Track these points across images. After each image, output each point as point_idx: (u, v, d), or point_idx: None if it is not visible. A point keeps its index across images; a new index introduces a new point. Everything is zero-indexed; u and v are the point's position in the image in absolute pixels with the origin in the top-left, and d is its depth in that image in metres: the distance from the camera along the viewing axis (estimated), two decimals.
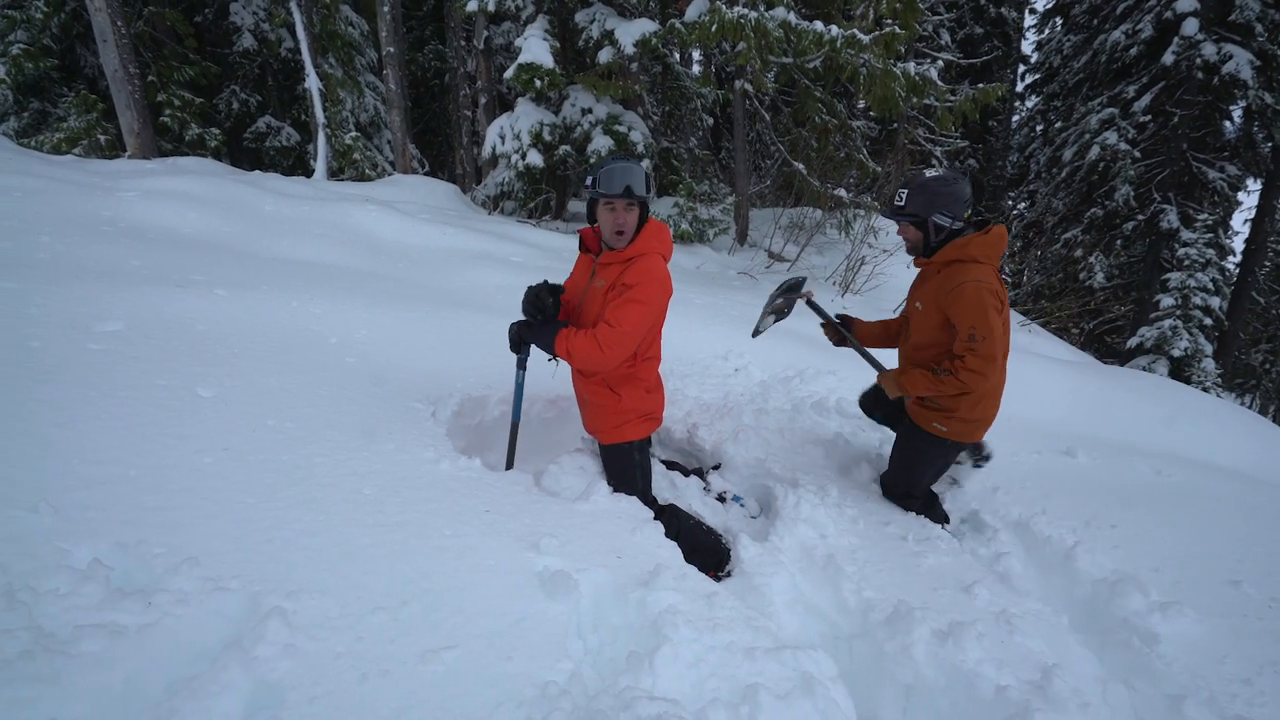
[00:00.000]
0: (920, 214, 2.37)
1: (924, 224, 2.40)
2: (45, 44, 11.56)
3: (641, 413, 2.48)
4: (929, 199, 2.35)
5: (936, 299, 2.41)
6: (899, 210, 2.42)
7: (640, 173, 2.14)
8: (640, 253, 2.22)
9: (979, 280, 2.29)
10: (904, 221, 2.44)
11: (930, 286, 2.47)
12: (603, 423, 2.49)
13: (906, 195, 2.38)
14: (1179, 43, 11.74)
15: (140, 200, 4.62)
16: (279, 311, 3.14)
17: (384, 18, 10.52)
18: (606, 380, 2.42)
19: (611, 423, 2.47)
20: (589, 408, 2.54)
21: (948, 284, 2.36)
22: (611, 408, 2.44)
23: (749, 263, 9.05)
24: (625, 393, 2.42)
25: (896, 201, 2.42)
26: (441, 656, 1.46)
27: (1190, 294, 11.38)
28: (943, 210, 2.35)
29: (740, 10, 6.88)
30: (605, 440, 2.52)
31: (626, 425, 2.46)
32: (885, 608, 2.08)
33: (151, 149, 9.61)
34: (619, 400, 2.42)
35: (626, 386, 2.42)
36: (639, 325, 2.17)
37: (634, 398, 2.44)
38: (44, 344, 2.25)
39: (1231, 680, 1.98)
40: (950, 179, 2.37)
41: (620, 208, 2.16)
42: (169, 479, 1.78)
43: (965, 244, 2.35)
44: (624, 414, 2.44)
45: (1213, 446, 4.49)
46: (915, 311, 2.56)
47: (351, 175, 11.00)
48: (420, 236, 5.89)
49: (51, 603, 1.31)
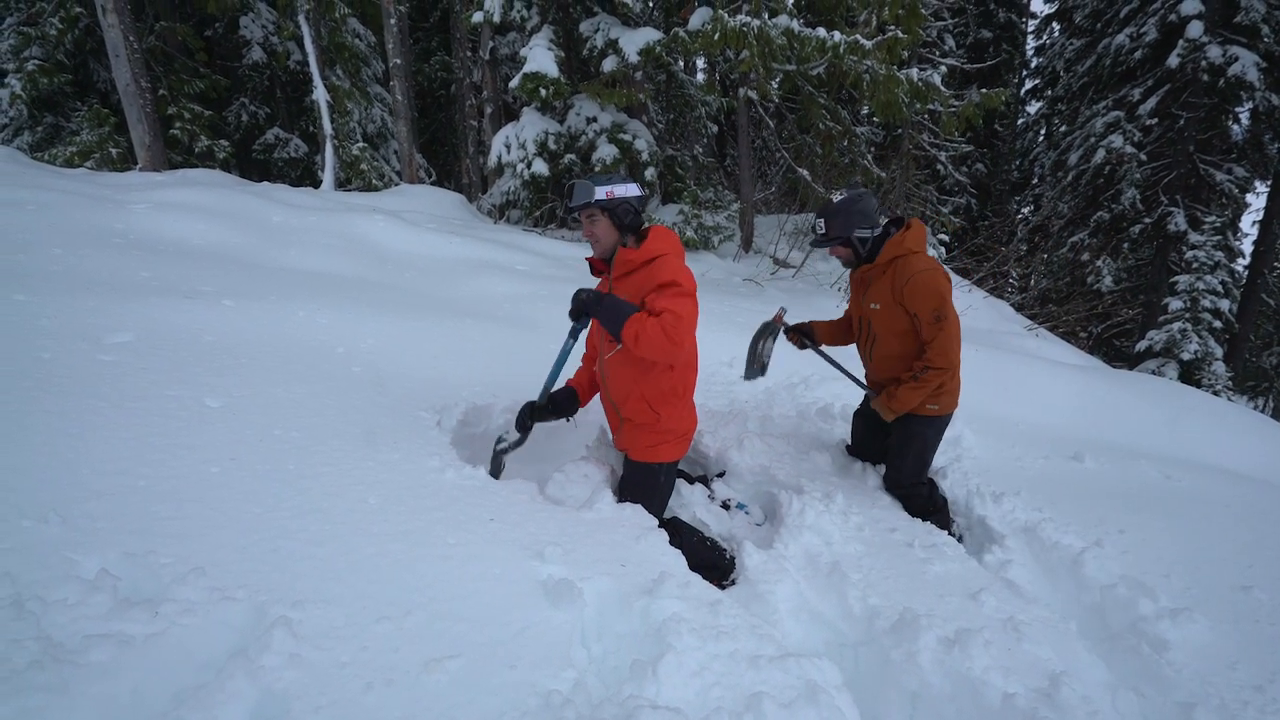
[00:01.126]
0: (844, 234, 2.62)
1: (849, 241, 2.65)
2: (59, 60, 11.76)
3: (679, 433, 2.46)
4: (846, 219, 2.60)
5: (893, 295, 2.59)
6: (824, 239, 2.66)
7: (590, 186, 2.22)
8: (658, 253, 2.24)
9: (928, 268, 2.52)
10: (833, 245, 2.69)
11: (881, 285, 2.64)
12: (637, 441, 2.46)
13: (825, 224, 2.63)
14: (1184, 45, 11.70)
15: (150, 212, 4.68)
16: (286, 322, 3.17)
17: (390, 30, 10.63)
18: (647, 397, 2.36)
19: (646, 442, 2.44)
20: (626, 426, 2.47)
21: (899, 280, 2.55)
22: (650, 426, 2.41)
23: (754, 269, 9.05)
24: (665, 411, 2.39)
25: (818, 231, 2.66)
26: (445, 665, 1.46)
27: (1199, 297, 11.29)
28: (860, 225, 2.61)
29: (743, 18, 6.92)
30: (636, 457, 2.47)
31: (662, 446, 2.44)
32: (891, 615, 2.07)
33: (162, 162, 9.74)
34: (658, 419, 2.39)
35: (667, 405, 2.38)
36: (694, 315, 2.17)
37: (673, 416, 2.41)
38: (55, 355, 2.28)
39: (1243, 687, 1.96)
40: (856, 197, 2.62)
41: (584, 219, 2.29)
42: (177, 489, 1.80)
43: (900, 240, 2.58)
44: (662, 434, 2.42)
45: (1222, 450, 4.45)
46: (873, 313, 2.72)
47: (359, 185, 11.09)
48: (426, 246, 5.93)
49: (60, 612, 1.32)
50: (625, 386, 2.42)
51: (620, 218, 2.27)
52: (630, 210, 2.28)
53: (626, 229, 2.29)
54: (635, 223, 2.30)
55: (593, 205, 2.23)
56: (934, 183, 15.20)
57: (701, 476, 3.10)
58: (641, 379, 2.37)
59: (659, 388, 2.37)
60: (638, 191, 2.28)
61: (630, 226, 2.30)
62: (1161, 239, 12.83)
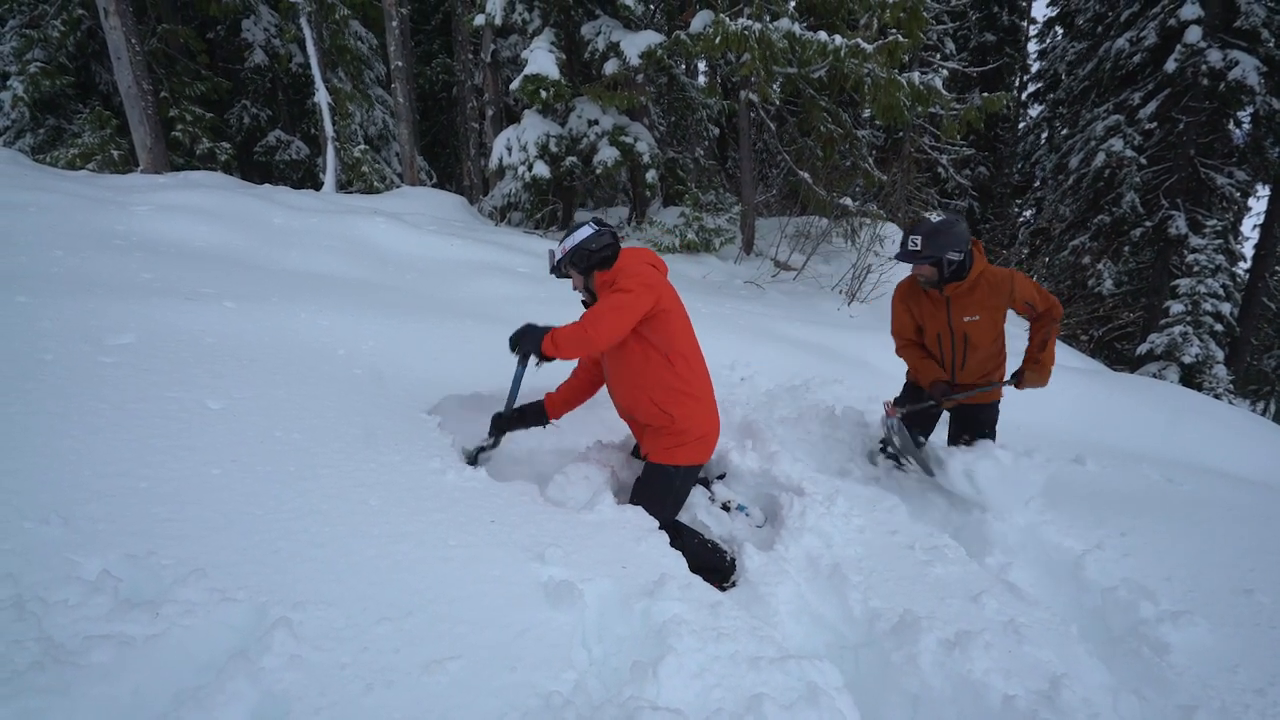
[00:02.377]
0: (937, 255, 2.74)
1: (939, 261, 2.77)
2: (61, 62, 11.81)
3: (698, 435, 2.46)
4: (943, 241, 2.73)
5: (992, 303, 2.86)
6: (915, 254, 2.76)
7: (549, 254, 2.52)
8: (615, 270, 2.40)
9: (1013, 273, 2.85)
10: (922, 263, 2.79)
11: (978, 298, 2.87)
12: (657, 444, 2.48)
13: (921, 241, 2.74)
14: (1181, 51, 11.72)
15: (152, 214, 4.69)
16: (288, 323, 3.18)
17: (392, 32, 10.67)
18: (655, 399, 2.41)
19: (663, 444, 2.46)
20: (647, 433, 2.52)
21: (998, 289, 2.84)
22: (667, 428, 2.44)
23: (755, 271, 9.06)
24: (678, 412, 2.41)
25: (911, 247, 2.76)
26: (446, 667, 1.46)
27: (1200, 300, 11.29)
28: (953, 248, 2.74)
29: (744, 22, 6.94)
30: (654, 459, 2.49)
31: (680, 448, 2.45)
32: (891, 617, 2.06)
33: (164, 164, 9.76)
34: (673, 420, 2.42)
35: (677, 405, 2.41)
36: (619, 307, 2.24)
37: (688, 417, 2.43)
38: (56, 357, 2.29)
39: (1244, 691, 1.95)
40: (954, 221, 2.78)
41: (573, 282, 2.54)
42: (178, 491, 1.80)
43: (980, 259, 2.84)
44: (679, 435, 2.44)
45: (1224, 454, 4.45)
46: (970, 325, 2.93)
47: (360, 188, 11.12)
48: (427, 248, 5.94)
49: (61, 614, 1.32)
50: (630, 394, 2.48)
51: (581, 263, 2.43)
52: (585, 253, 2.40)
53: (592, 268, 2.44)
54: (596, 258, 2.42)
55: (558, 267, 2.47)
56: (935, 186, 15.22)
57: (702, 479, 3.09)
58: (639, 380, 2.43)
59: (661, 385, 2.40)
60: (587, 232, 2.42)
61: (592, 265, 2.43)
62: (1162, 242, 12.84)
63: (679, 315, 2.45)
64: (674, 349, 2.41)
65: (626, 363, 2.43)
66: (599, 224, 2.46)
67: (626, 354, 2.42)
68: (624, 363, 2.44)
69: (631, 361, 2.41)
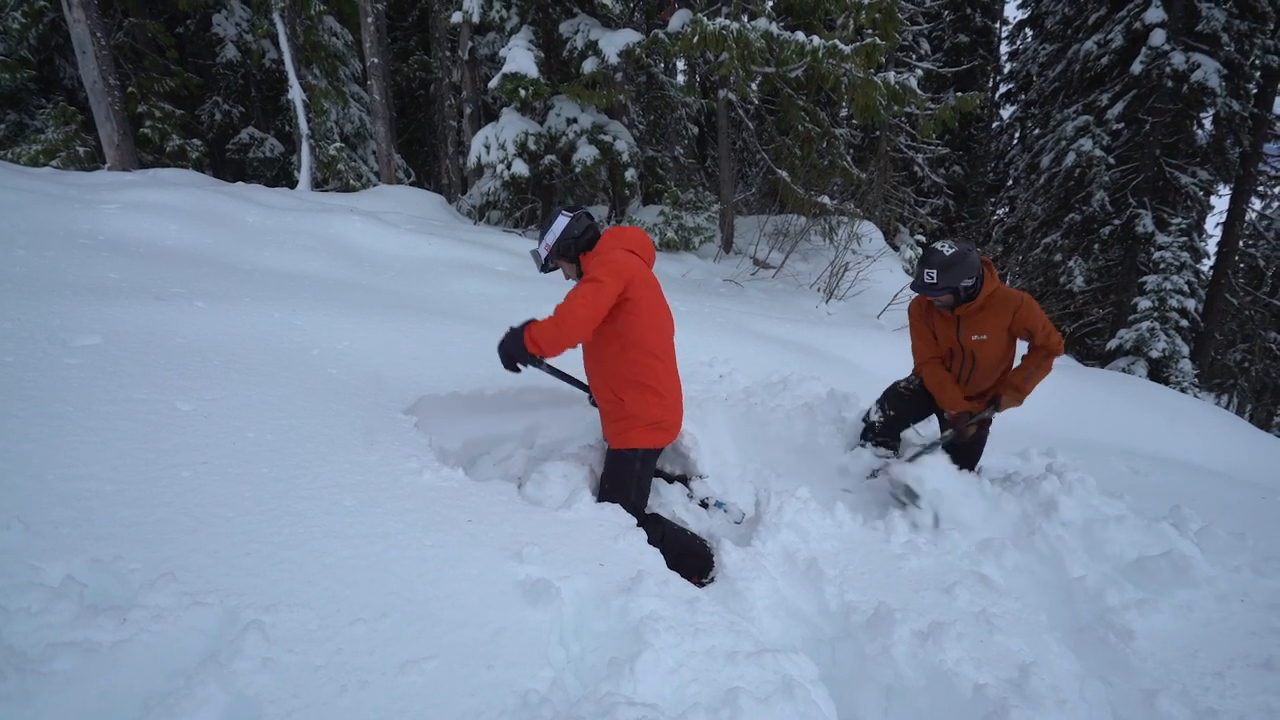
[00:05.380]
0: (953, 285, 2.81)
1: (955, 290, 2.84)
2: (22, 55, 11.45)
3: (648, 420, 2.49)
4: (957, 273, 2.79)
5: (1000, 324, 2.93)
6: (932, 287, 2.82)
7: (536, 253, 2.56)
8: (595, 254, 2.47)
9: (1025, 297, 2.91)
10: (940, 294, 2.86)
11: (986, 317, 2.94)
12: (609, 428, 2.57)
13: (938, 274, 2.78)
14: (1147, 53, 12.02)
15: (120, 213, 4.58)
16: (261, 323, 3.12)
17: (367, 29, 10.53)
18: (610, 384, 2.50)
19: (616, 429, 2.53)
20: (602, 415, 2.62)
21: (1005, 310, 2.91)
22: (615, 414, 2.51)
23: (734, 270, 9.12)
24: (629, 397, 2.47)
25: (928, 280, 2.81)
26: (421, 666, 1.45)
27: (1166, 296, 11.60)
28: (967, 277, 2.81)
29: (722, 21, 6.97)
30: (612, 445, 2.56)
31: (632, 431, 2.49)
32: (866, 610, 2.10)
33: (132, 161, 9.53)
34: (622, 405, 2.48)
35: (630, 391, 2.47)
36: (588, 297, 2.26)
37: (638, 403, 2.47)
38: (19, 359, 2.22)
39: (1204, 674, 2.02)
40: (965, 252, 2.82)
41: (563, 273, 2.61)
42: (146, 493, 1.76)
43: (992, 278, 2.90)
44: (629, 419, 2.49)
45: (1188, 445, 4.58)
46: (979, 344, 3.00)
47: (336, 186, 10.96)
48: (405, 247, 5.88)
49: (22, 621, 1.29)
50: (595, 378, 2.60)
51: (566, 252, 2.50)
52: (569, 241, 2.48)
53: (577, 254, 2.51)
54: (581, 242, 2.49)
55: (547, 264, 2.54)
56: (912, 184, 15.45)
57: (681, 476, 3.11)
58: (599, 366, 2.54)
59: (618, 375, 2.49)
60: (564, 221, 2.49)
61: (579, 250, 2.50)
62: (1130, 240, 13.16)
63: (648, 305, 2.45)
64: (630, 341, 2.43)
65: (590, 349, 2.55)
66: (571, 209, 2.52)
67: (594, 339, 2.49)
68: (589, 349, 2.56)
69: (594, 346, 2.52)
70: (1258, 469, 4.57)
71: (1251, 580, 2.47)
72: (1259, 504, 3.51)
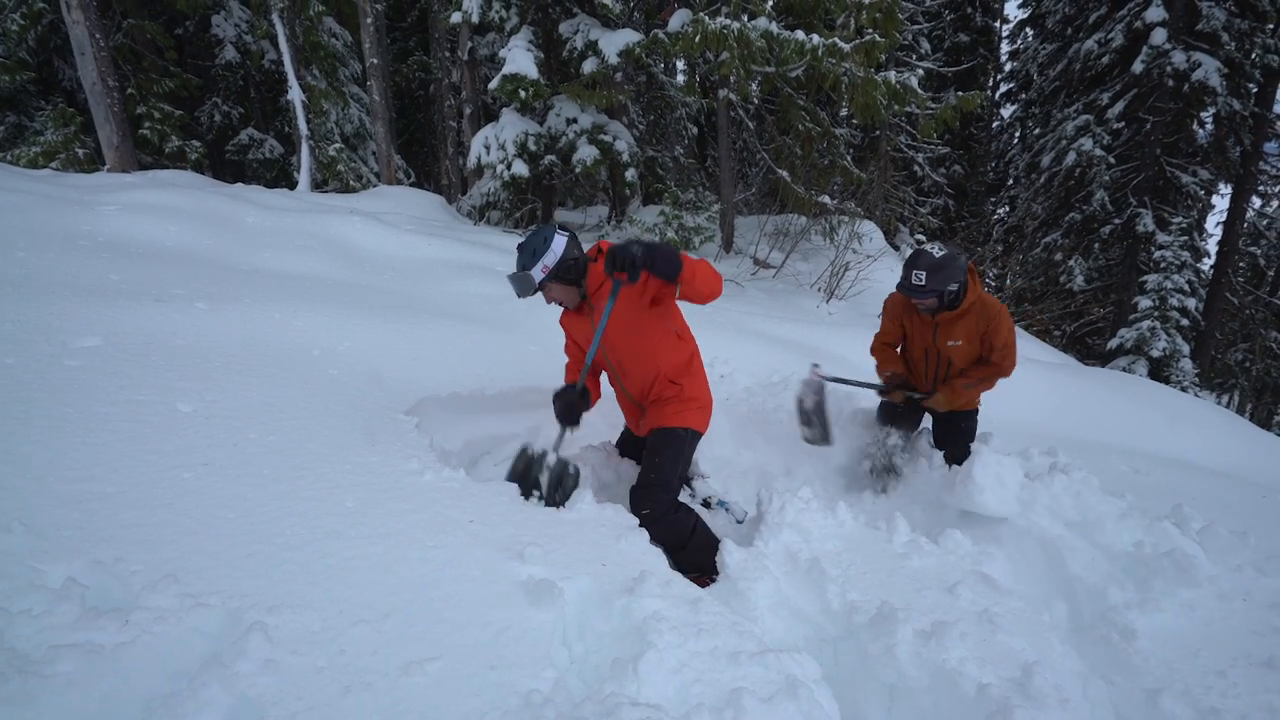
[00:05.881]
0: (940, 288, 2.83)
1: (940, 294, 2.86)
2: (21, 57, 11.45)
3: (703, 401, 2.58)
4: (945, 276, 2.81)
5: (976, 331, 2.96)
6: (919, 289, 2.83)
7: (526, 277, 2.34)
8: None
9: (1002, 309, 2.94)
10: (926, 297, 2.88)
11: (964, 325, 2.97)
12: (664, 412, 2.54)
13: (926, 277, 2.81)
14: (1148, 52, 12.02)
15: (119, 214, 4.58)
16: (261, 324, 3.12)
17: (367, 29, 10.53)
18: (668, 372, 2.51)
19: (671, 409, 2.53)
20: (651, 409, 2.58)
21: (982, 320, 2.94)
22: (676, 397, 2.53)
23: (735, 270, 9.11)
24: (687, 381, 2.54)
25: (915, 282, 2.83)
26: (425, 668, 1.45)
27: (1167, 295, 11.60)
28: (954, 281, 2.84)
29: (723, 21, 6.97)
30: (667, 424, 2.52)
31: (688, 411, 2.53)
32: (869, 609, 2.09)
33: (131, 162, 9.53)
34: (681, 389, 2.52)
35: (687, 376, 2.54)
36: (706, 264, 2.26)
37: (695, 385, 2.55)
38: (19, 360, 2.22)
39: (1206, 673, 2.02)
40: (954, 256, 2.84)
41: (546, 296, 2.46)
42: (148, 495, 1.76)
43: (975, 288, 2.93)
44: (686, 401, 2.53)
45: (1188, 445, 4.58)
46: (954, 349, 3.04)
47: (336, 187, 10.96)
48: (405, 247, 5.88)
49: (24, 623, 1.29)
50: (647, 372, 2.54)
51: (566, 275, 2.38)
52: (570, 264, 2.36)
53: (580, 274, 2.41)
54: (580, 264, 2.39)
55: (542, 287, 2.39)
56: (912, 184, 15.45)
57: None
58: (659, 358, 2.49)
59: (675, 363, 2.51)
60: (562, 241, 2.34)
61: (579, 270, 2.40)
62: (1131, 239, 13.16)
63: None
64: (680, 329, 2.54)
65: (646, 341, 2.48)
66: (562, 229, 2.40)
67: (646, 332, 2.46)
68: (643, 342, 2.48)
69: (650, 340, 2.48)
70: (1258, 468, 4.57)
71: (1253, 579, 2.46)
72: (1260, 503, 3.51)
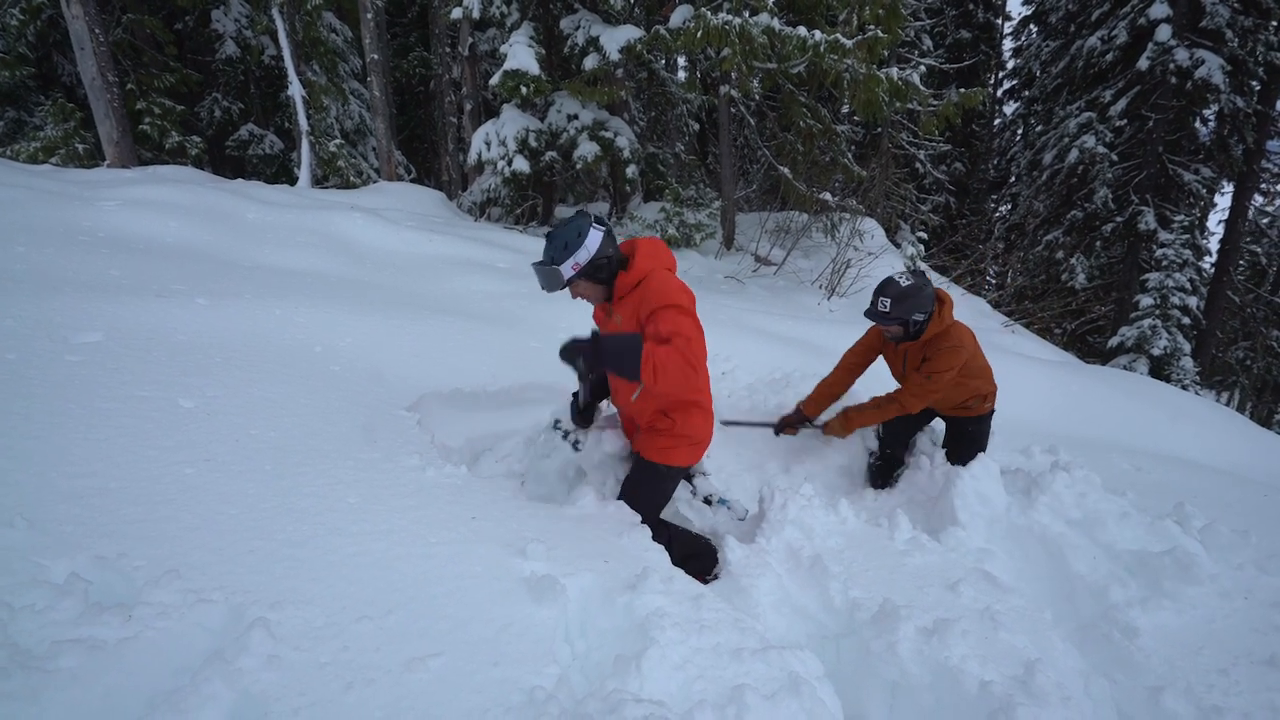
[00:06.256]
0: (905, 316, 2.83)
1: (905, 323, 2.86)
2: (21, 52, 11.42)
3: (693, 439, 2.41)
4: (910, 305, 2.81)
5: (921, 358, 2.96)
6: (885, 316, 2.83)
7: (554, 271, 2.15)
8: (645, 273, 2.17)
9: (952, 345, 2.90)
10: (890, 324, 2.88)
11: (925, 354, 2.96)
12: (652, 443, 2.40)
13: (890, 304, 2.81)
14: (1153, 48, 11.99)
15: (119, 209, 4.57)
16: (262, 320, 3.12)
17: (367, 24, 10.49)
18: (662, 404, 2.33)
19: (660, 444, 2.39)
20: (642, 434, 2.44)
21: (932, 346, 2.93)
22: (666, 431, 2.37)
23: (736, 266, 9.10)
24: (681, 417, 2.35)
25: (880, 309, 2.83)
26: (427, 664, 1.45)
27: (1168, 294, 11.59)
28: (919, 311, 2.83)
29: (724, 17, 6.95)
30: (650, 459, 2.42)
31: (677, 449, 2.40)
32: (871, 607, 2.09)
33: (131, 158, 9.51)
34: (673, 424, 2.35)
35: (682, 411, 2.35)
36: (697, 331, 2.10)
37: (688, 422, 2.36)
38: (20, 356, 2.22)
39: (1208, 671, 2.02)
40: (921, 286, 2.83)
41: (572, 291, 2.27)
42: (150, 491, 1.76)
43: (940, 320, 2.91)
44: (676, 439, 2.37)
45: (1188, 443, 4.57)
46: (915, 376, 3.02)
47: (336, 183, 10.95)
48: (406, 244, 5.87)
49: (28, 619, 1.29)
50: (640, 400, 2.38)
51: (598, 273, 2.19)
52: (603, 262, 2.17)
53: (611, 275, 2.22)
54: (614, 263, 2.20)
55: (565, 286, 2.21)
56: (913, 181, 15.42)
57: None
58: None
59: (674, 398, 2.33)
60: (597, 237, 2.14)
61: (612, 270, 2.21)
62: (1132, 237, 13.15)
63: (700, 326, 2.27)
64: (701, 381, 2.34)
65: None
66: (597, 223, 2.18)
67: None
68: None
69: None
70: (1259, 466, 4.57)
71: (1255, 577, 2.46)
72: (1261, 501, 3.51)
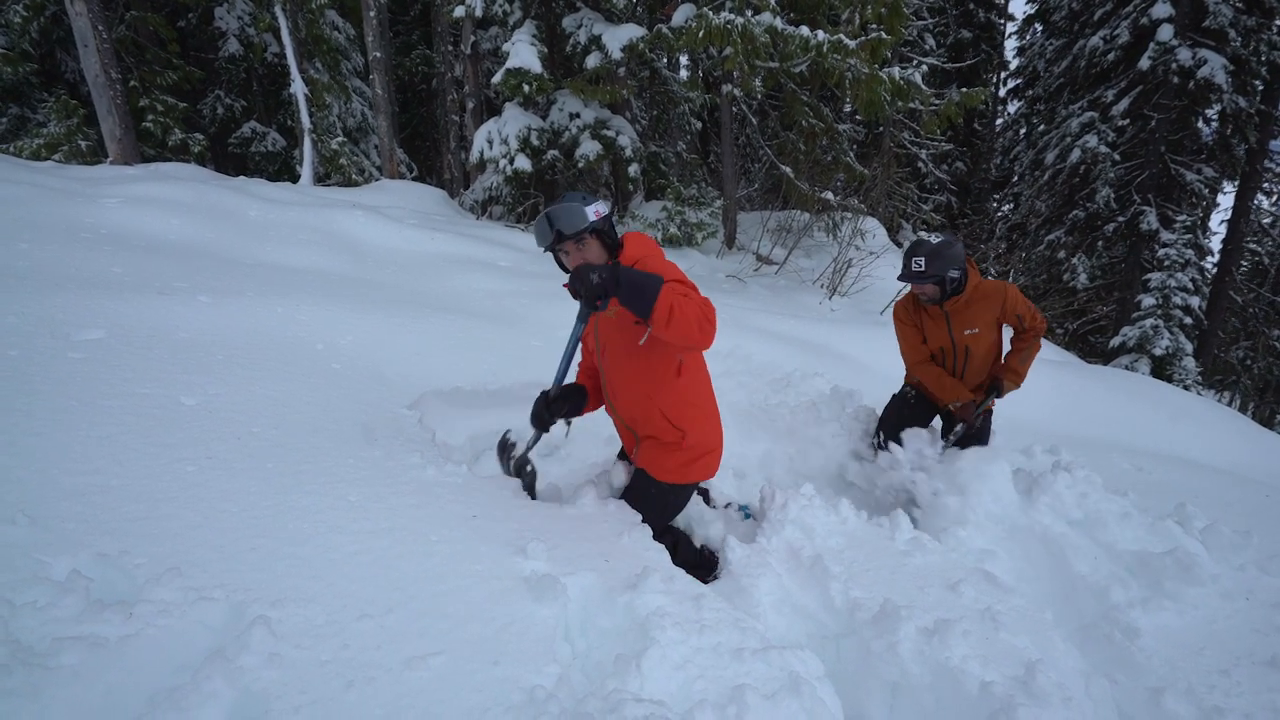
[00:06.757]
0: (940, 273, 2.84)
1: (941, 280, 2.87)
2: (24, 48, 11.42)
3: (707, 447, 2.26)
4: (944, 261, 2.83)
5: (989, 315, 2.99)
6: (920, 274, 2.85)
7: (568, 210, 1.94)
8: (640, 256, 2.02)
9: (1006, 286, 2.98)
10: (926, 283, 2.88)
11: (975, 311, 2.99)
12: (665, 461, 2.23)
13: (925, 262, 2.83)
14: (1155, 48, 11.96)
15: (122, 207, 4.57)
16: (264, 318, 3.12)
17: (370, 22, 10.49)
18: (666, 412, 2.16)
19: (675, 462, 2.22)
20: (647, 444, 2.25)
21: (992, 301, 2.97)
22: (677, 444, 2.19)
23: (737, 266, 9.10)
24: (692, 426, 2.18)
25: (915, 268, 2.85)
26: (428, 662, 1.45)
27: (1170, 294, 11.57)
28: (954, 266, 2.85)
29: (727, 16, 6.94)
30: (665, 479, 2.25)
31: (693, 466, 2.24)
32: (872, 607, 2.09)
33: (134, 155, 9.51)
34: (684, 436, 2.18)
35: (692, 419, 2.19)
36: (698, 294, 1.85)
37: (701, 431, 2.20)
38: (22, 353, 2.22)
39: (1209, 672, 2.02)
40: (951, 242, 2.87)
41: (572, 251, 2.00)
42: (151, 488, 1.76)
43: (973, 273, 2.96)
44: (690, 451, 2.21)
45: (1190, 443, 4.57)
46: (972, 338, 3.04)
47: (338, 180, 10.95)
48: (407, 241, 5.87)
49: (29, 616, 1.29)
50: (639, 403, 2.20)
51: (608, 238, 2.03)
52: (612, 227, 2.06)
53: (615, 248, 2.06)
54: (615, 239, 2.07)
55: (584, 231, 1.96)
56: (915, 180, 15.40)
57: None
58: (656, 391, 2.15)
59: (677, 399, 2.16)
60: (606, 206, 2.05)
61: (617, 244, 2.06)
62: (1134, 237, 13.12)
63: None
64: (687, 357, 2.16)
65: (636, 369, 2.14)
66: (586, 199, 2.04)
67: (639, 358, 2.11)
68: (634, 369, 2.15)
69: (641, 368, 2.13)
70: (1261, 467, 4.56)
71: (1256, 578, 2.46)
72: (1262, 501, 3.50)
